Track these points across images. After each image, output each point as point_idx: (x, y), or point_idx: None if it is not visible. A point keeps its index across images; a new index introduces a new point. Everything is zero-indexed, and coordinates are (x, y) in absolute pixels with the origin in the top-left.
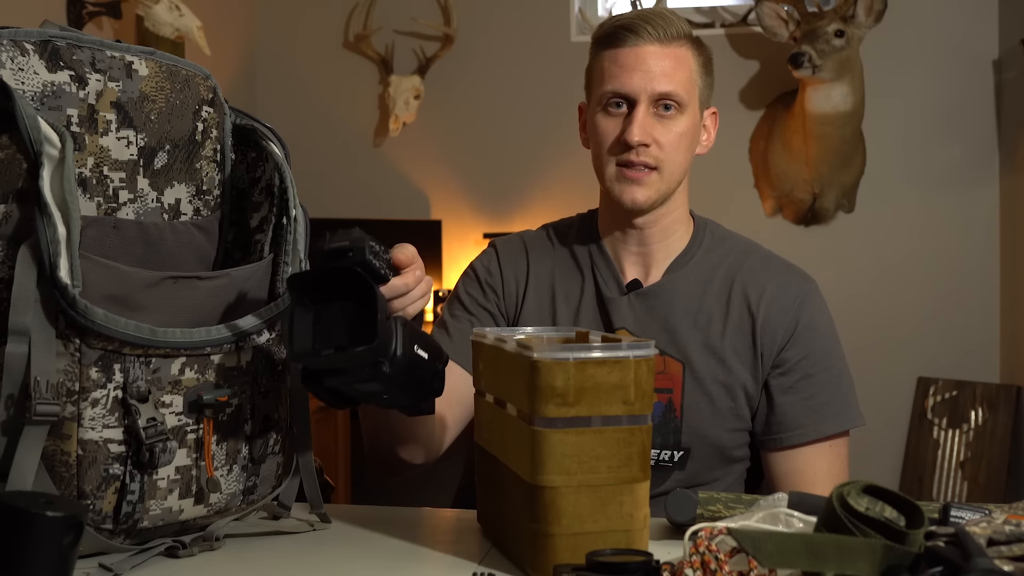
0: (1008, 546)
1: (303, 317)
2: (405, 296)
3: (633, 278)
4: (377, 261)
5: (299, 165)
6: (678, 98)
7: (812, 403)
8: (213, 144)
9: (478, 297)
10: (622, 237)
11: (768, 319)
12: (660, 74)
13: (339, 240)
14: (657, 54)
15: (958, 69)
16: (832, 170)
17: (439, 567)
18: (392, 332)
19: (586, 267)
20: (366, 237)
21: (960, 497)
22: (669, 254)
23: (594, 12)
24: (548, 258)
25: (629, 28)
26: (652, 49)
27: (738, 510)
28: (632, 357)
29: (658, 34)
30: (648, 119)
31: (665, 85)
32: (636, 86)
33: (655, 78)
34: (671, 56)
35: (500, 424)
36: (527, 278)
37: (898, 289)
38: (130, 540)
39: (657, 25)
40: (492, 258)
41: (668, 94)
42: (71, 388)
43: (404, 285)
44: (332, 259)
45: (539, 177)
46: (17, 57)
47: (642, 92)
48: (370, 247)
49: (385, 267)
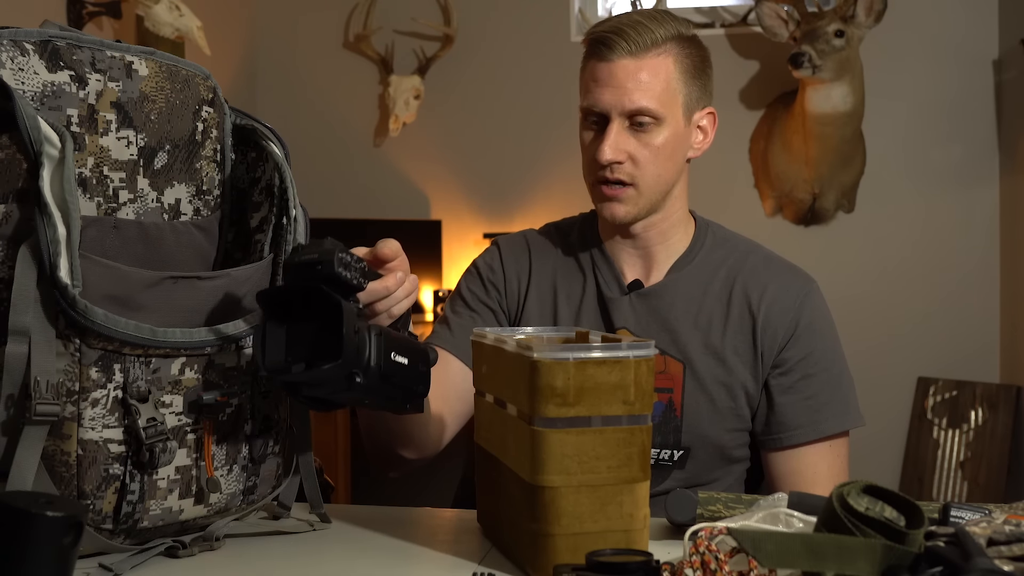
0: (1008, 546)
1: (274, 331)
2: (388, 298)
3: (634, 278)
4: (348, 272)
5: (299, 165)
6: (653, 112)
7: (812, 403)
8: (213, 144)
9: (480, 294)
10: (621, 241)
11: (769, 319)
12: (633, 89)
13: (308, 253)
14: (629, 68)
15: (958, 69)
16: (832, 170)
17: (439, 567)
18: (365, 343)
19: (587, 267)
20: (336, 249)
21: (960, 497)
22: (670, 255)
23: (594, 12)
24: (550, 257)
25: (603, 41)
26: (624, 63)
27: (738, 510)
28: (632, 357)
29: (630, 47)
30: (622, 135)
31: (637, 101)
32: (607, 103)
33: (626, 94)
34: (645, 68)
35: (500, 424)
36: (529, 276)
37: (898, 289)
38: (130, 540)
39: (630, 38)
40: (495, 256)
41: (640, 110)
42: (71, 388)
43: (384, 288)
44: (302, 272)
45: (539, 177)
46: (17, 57)
47: (612, 109)
48: (339, 259)
49: (358, 276)
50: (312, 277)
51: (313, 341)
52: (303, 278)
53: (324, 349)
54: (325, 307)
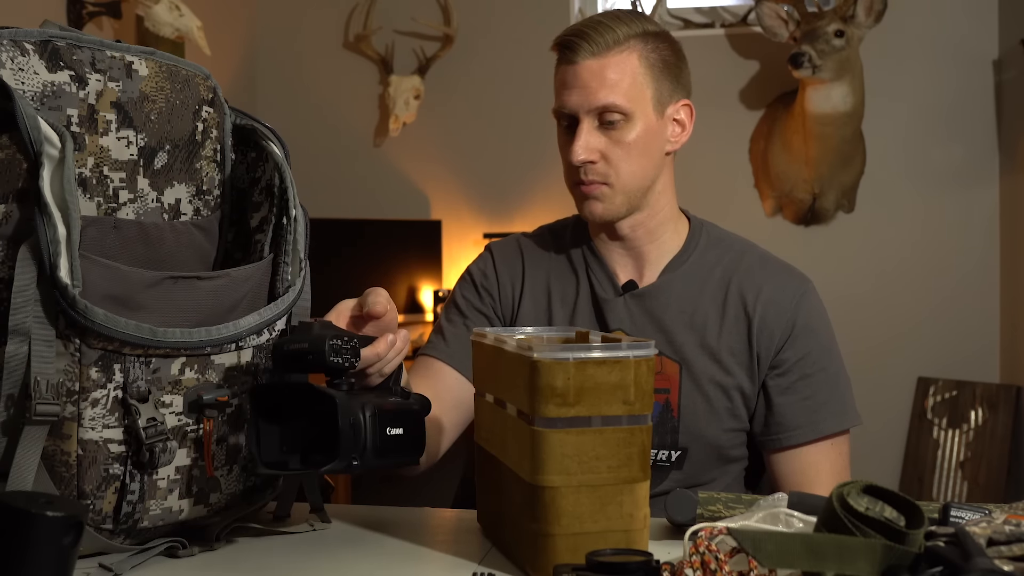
0: (1008, 546)
1: (268, 426)
2: (379, 363)
3: (628, 279)
4: (339, 358)
5: (299, 165)
6: (620, 108)
7: (810, 403)
8: (213, 144)
9: (474, 301)
10: (610, 241)
11: (765, 320)
12: (597, 88)
13: (298, 341)
14: (592, 68)
15: (958, 69)
16: (832, 170)
17: (439, 567)
18: (360, 428)
19: (580, 268)
20: (326, 336)
21: (960, 497)
22: (663, 255)
23: (594, 12)
24: (544, 260)
25: (566, 45)
26: (587, 64)
27: (738, 510)
28: (632, 357)
29: (592, 48)
30: (593, 135)
31: (603, 99)
32: (574, 104)
33: (591, 93)
34: (609, 66)
35: (500, 424)
36: (523, 280)
37: (898, 289)
38: (130, 540)
39: (591, 39)
40: (488, 261)
41: (607, 107)
42: (71, 388)
43: (376, 355)
44: (291, 361)
45: (539, 177)
46: (17, 57)
47: (580, 109)
48: (331, 347)
49: (351, 357)
50: (303, 367)
51: (307, 431)
52: (293, 368)
53: (319, 441)
54: (318, 401)
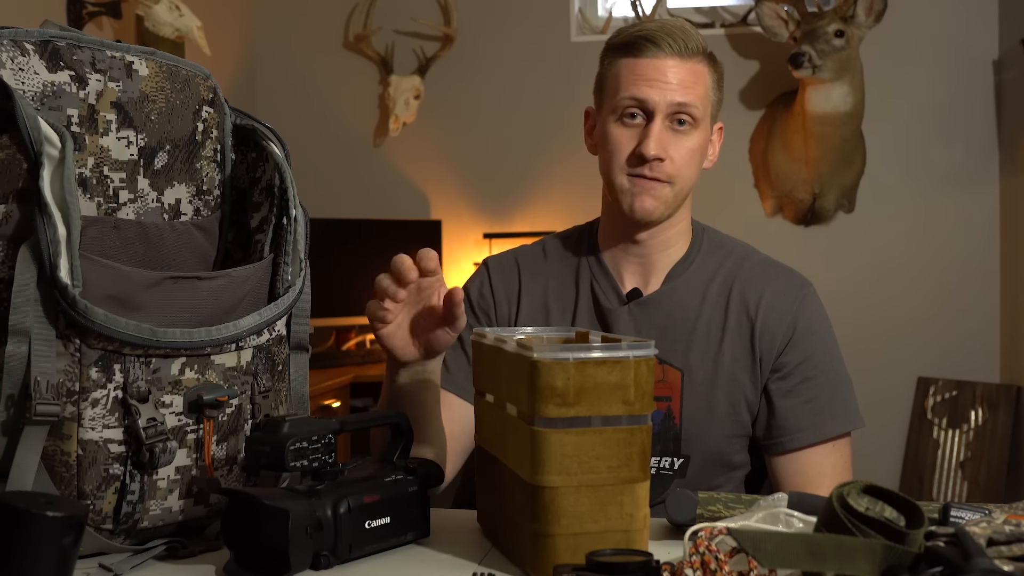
0: (1008, 546)
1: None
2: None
3: (633, 287)
4: (304, 461)
5: (299, 165)
6: (694, 111)
7: (812, 406)
8: (213, 144)
9: (471, 323)
10: (623, 248)
11: (766, 324)
12: (678, 86)
13: (260, 442)
14: (676, 67)
15: (958, 69)
16: (832, 170)
17: (439, 567)
18: (330, 531)
19: (584, 280)
20: (287, 440)
21: (960, 497)
22: (669, 262)
23: (594, 12)
24: (541, 274)
25: (650, 39)
26: (671, 63)
27: (738, 510)
28: (632, 357)
29: (678, 47)
30: (664, 133)
31: (683, 96)
32: (655, 97)
33: (674, 90)
34: (689, 70)
35: (500, 424)
36: (519, 296)
37: (898, 289)
38: (130, 540)
39: (678, 39)
40: (484, 280)
41: (685, 105)
42: (71, 388)
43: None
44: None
45: (539, 177)
46: (17, 57)
47: (660, 104)
48: (291, 452)
49: (321, 455)
50: (265, 467)
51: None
52: (256, 466)
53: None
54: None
